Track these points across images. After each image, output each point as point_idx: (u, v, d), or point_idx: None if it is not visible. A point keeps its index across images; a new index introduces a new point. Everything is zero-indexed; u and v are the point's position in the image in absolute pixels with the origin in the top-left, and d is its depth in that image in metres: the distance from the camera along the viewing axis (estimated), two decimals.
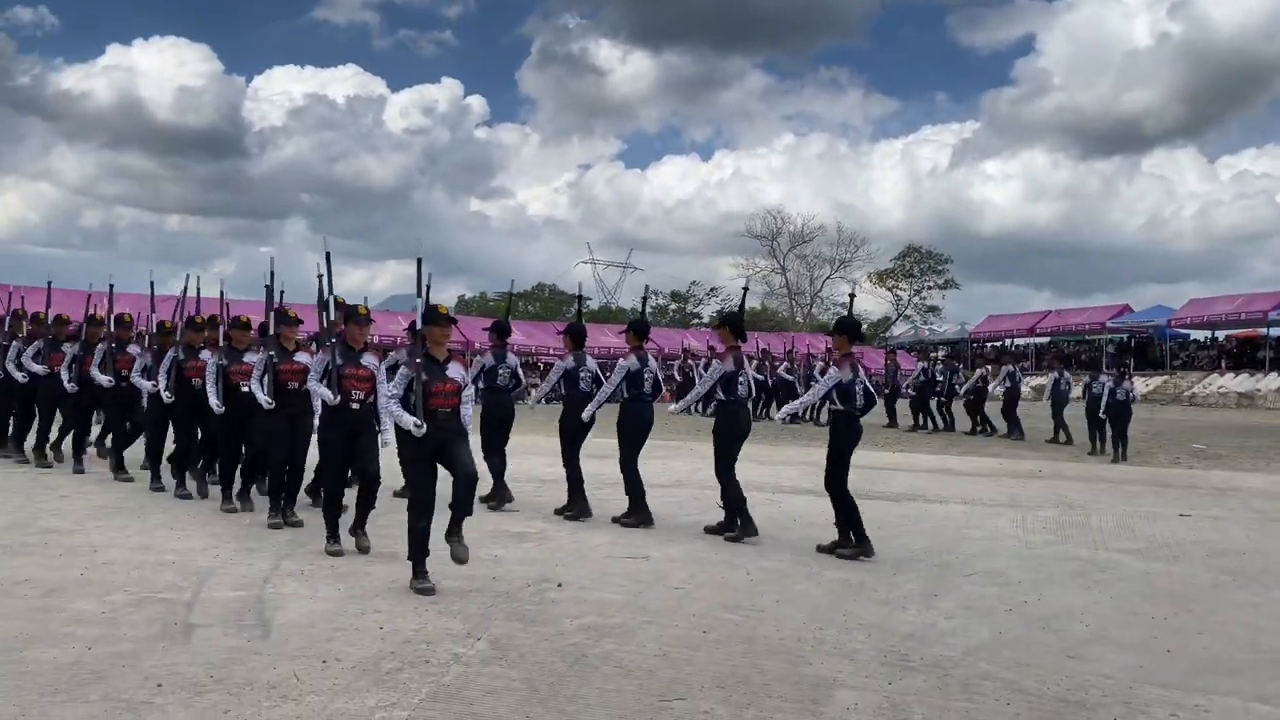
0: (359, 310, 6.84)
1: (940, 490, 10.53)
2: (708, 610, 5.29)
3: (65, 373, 10.23)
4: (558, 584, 5.79)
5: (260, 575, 5.83)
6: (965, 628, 5.13)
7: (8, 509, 7.93)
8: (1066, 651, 4.76)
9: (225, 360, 8.21)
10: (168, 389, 8.70)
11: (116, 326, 9.86)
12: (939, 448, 15.86)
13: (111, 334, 9.84)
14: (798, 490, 10.30)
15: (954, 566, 6.65)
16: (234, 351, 8.28)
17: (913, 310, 57.73)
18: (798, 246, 56.94)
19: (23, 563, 5.97)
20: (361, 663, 4.25)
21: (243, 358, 8.16)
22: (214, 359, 8.26)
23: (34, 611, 4.90)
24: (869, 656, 4.58)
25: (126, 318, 10.05)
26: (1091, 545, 7.56)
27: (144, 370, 9.17)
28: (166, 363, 8.83)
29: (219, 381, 8.12)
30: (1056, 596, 5.89)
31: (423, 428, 5.54)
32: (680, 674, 4.24)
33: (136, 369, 9.29)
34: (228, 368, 8.16)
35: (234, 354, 8.26)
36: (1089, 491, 10.68)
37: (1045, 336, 44.99)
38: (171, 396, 8.68)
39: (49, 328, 10.80)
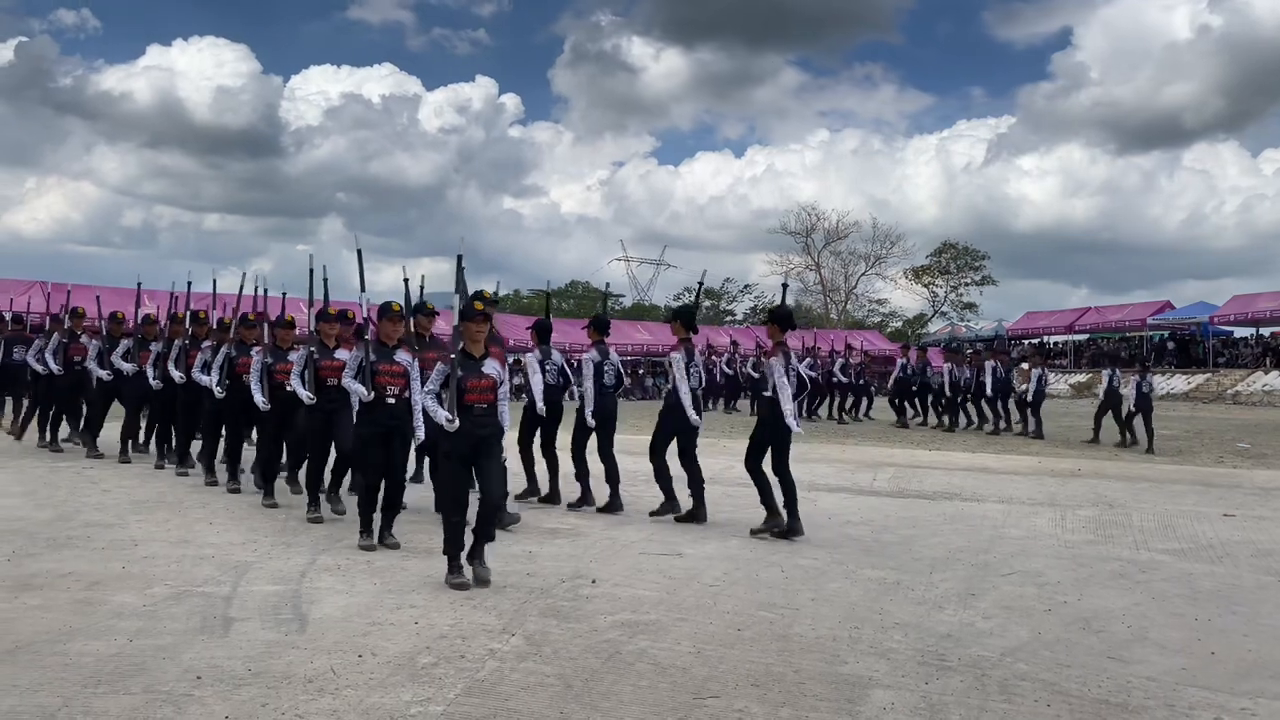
0: (392, 307, 6.88)
1: (977, 489, 10.42)
2: (742, 608, 5.27)
3: (150, 370, 10.46)
4: (591, 580, 5.79)
5: (297, 570, 5.89)
6: (1003, 628, 5.07)
7: (52, 502, 8.07)
8: (1108, 653, 4.69)
9: (270, 358, 8.31)
10: (220, 385, 8.88)
11: (193, 323, 10.05)
12: (975, 446, 15.70)
13: (187, 331, 10.03)
14: (832, 488, 10.23)
15: (992, 566, 6.57)
16: (279, 350, 8.38)
17: (949, 307, 57.25)
18: (832, 243, 56.64)
19: (66, 556, 6.06)
20: (397, 657, 4.27)
21: (287, 356, 8.26)
22: (259, 356, 8.37)
23: (77, 604, 4.98)
24: (905, 656, 4.53)
25: (201, 314, 10.21)
26: (1133, 545, 7.45)
27: (204, 366, 9.36)
28: (220, 359, 9.00)
29: (264, 379, 8.23)
30: (1097, 597, 5.81)
31: (455, 422, 5.56)
32: (714, 671, 4.22)
33: (198, 365, 9.48)
34: (273, 366, 8.26)
35: (279, 352, 8.36)
36: (1129, 490, 10.52)
37: (1084, 334, 44.39)
38: (223, 393, 8.84)
39: (139, 327, 11.08)
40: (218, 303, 10.98)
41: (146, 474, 10.05)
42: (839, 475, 11.37)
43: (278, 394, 8.16)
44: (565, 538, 7.09)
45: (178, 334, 10.24)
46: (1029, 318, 47.41)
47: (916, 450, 14.81)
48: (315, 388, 7.49)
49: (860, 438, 16.92)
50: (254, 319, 9.18)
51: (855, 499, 9.54)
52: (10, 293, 22.70)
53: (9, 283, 25.21)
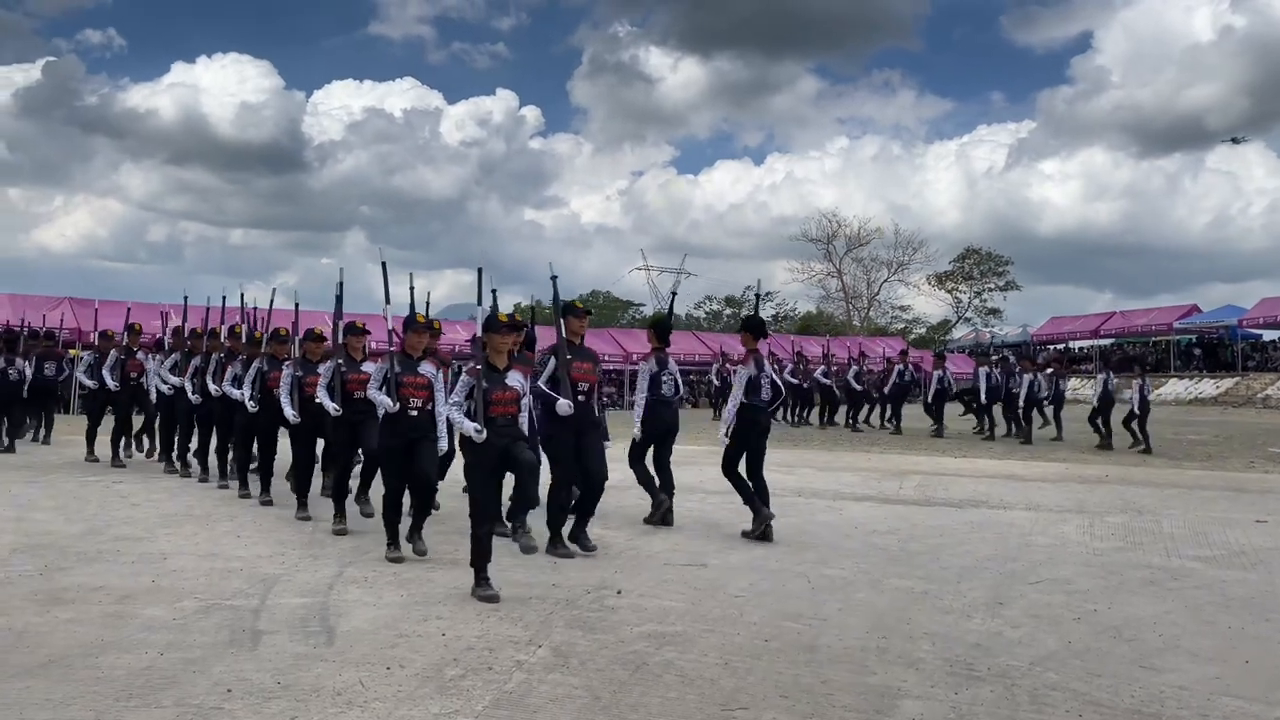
0: (417, 318, 6.93)
1: (1004, 496, 10.34)
2: (769, 619, 5.25)
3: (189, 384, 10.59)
4: (617, 591, 5.79)
5: (325, 582, 5.92)
6: (1033, 637, 5.02)
7: (83, 516, 8.15)
8: (1139, 662, 4.64)
9: (300, 371, 8.39)
10: (253, 399, 8.97)
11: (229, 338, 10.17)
12: (1001, 453, 15.59)
13: (224, 345, 10.15)
14: (858, 496, 10.19)
15: (1020, 574, 6.51)
16: (308, 363, 8.46)
17: (973, 313, 56.92)
18: (854, 250, 56.47)
19: (97, 570, 6.13)
20: (425, 669, 4.28)
21: (317, 369, 8.33)
22: (289, 370, 8.44)
23: (108, 618, 5.03)
24: (934, 666, 4.50)
25: (237, 329, 10.31)
26: (1163, 552, 7.37)
27: (234, 379, 9.47)
28: (252, 373, 9.11)
29: (294, 392, 8.30)
30: (1127, 605, 5.75)
31: (483, 433, 5.61)
32: (743, 683, 4.21)
33: (228, 378, 9.59)
34: (303, 379, 8.33)
35: (308, 365, 8.44)
36: (1158, 497, 10.42)
37: (1110, 338, 44.03)
38: (256, 406, 8.94)
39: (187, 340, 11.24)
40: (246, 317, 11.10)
41: (175, 487, 10.15)
42: (865, 483, 11.32)
43: (308, 407, 8.22)
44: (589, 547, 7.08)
45: (215, 349, 10.34)
46: (1054, 323, 47.09)
47: (943, 458, 14.72)
48: (342, 400, 7.56)
49: (885, 445, 16.84)
50: (285, 333, 9.27)
51: (881, 507, 9.49)
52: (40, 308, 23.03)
53: (38, 299, 25.53)
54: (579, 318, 7.11)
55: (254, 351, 9.46)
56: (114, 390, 12.06)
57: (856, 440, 17.99)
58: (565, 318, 7.01)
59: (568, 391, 6.70)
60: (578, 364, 6.88)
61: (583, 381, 6.89)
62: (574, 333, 7.04)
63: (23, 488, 9.84)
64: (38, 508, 8.58)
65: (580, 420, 6.81)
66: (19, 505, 8.67)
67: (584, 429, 6.89)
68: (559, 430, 6.80)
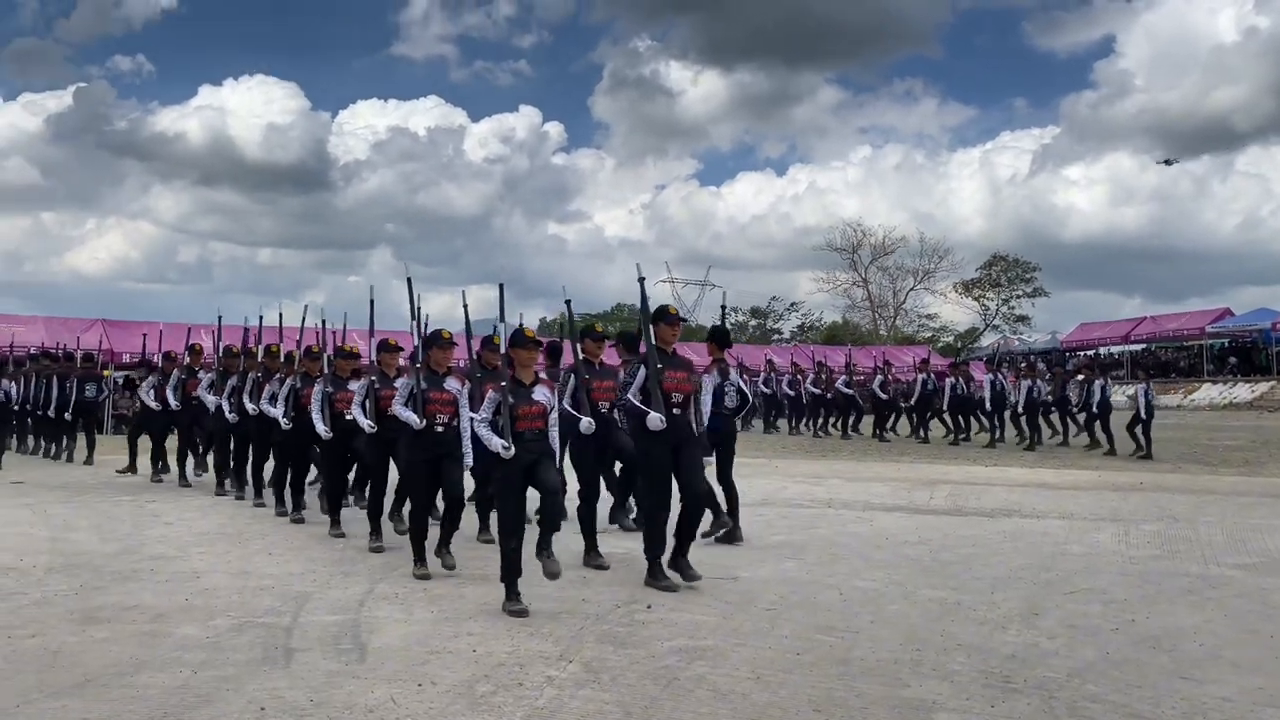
0: (441, 335, 6.96)
1: (1036, 505, 10.23)
2: (800, 632, 5.21)
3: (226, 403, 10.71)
4: (647, 605, 5.77)
5: (356, 599, 5.93)
6: (1069, 648, 4.95)
7: (117, 535, 8.23)
8: (1180, 673, 4.56)
9: (330, 387, 8.43)
10: (286, 416, 9.04)
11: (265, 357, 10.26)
12: (1032, 461, 15.43)
13: (260, 364, 10.25)
14: (888, 507, 10.11)
15: (1054, 584, 6.43)
16: (338, 379, 8.51)
17: (1001, 320, 56.48)
18: (879, 259, 56.20)
19: (132, 589, 6.18)
20: (456, 686, 4.28)
21: (347, 385, 8.38)
22: (319, 386, 8.49)
23: (143, 636, 5.06)
24: (969, 678, 4.45)
25: (274, 348, 10.39)
26: (1201, 560, 7.25)
27: (271, 398, 9.56)
28: (285, 390, 9.19)
29: (325, 408, 8.35)
30: (1166, 614, 5.65)
31: (510, 450, 5.61)
32: (775, 697, 4.18)
33: (265, 397, 9.68)
34: (333, 395, 8.38)
35: (338, 382, 8.48)
36: (1194, 504, 10.26)
37: (1141, 343, 43.56)
38: (290, 424, 9.01)
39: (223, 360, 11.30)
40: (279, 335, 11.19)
41: (207, 506, 10.23)
42: (894, 494, 11.23)
43: (337, 423, 8.27)
44: (618, 563, 7.06)
45: (251, 367, 10.44)
46: (1083, 329, 46.65)
47: (973, 466, 14.59)
48: (376, 417, 7.60)
49: (914, 455, 16.72)
50: (318, 351, 9.34)
51: (912, 518, 9.41)
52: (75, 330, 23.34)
53: (73, 321, 25.88)
54: (671, 325, 6.60)
55: (288, 369, 9.55)
56: (176, 410, 12.25)
57: (885, 450, 17.87)
58: (656, 325, 6.55)
59: (659, 405, 6.26)
60: (670, 373, 6.41)
61: (677, 393, 6.38)
62: (665, 341, 6.56)
63: (58, 508, 9.95)
64: (73, 527, 8.68)
65: (677, 434, 6.35)
66: (55, 525, 8.77)
67: (681, 444, 6.40)
68: (653, 446, 6.32)
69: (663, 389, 6.30)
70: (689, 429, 6.45)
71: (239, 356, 10.94)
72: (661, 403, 6.26)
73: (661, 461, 6.31)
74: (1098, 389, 16.66)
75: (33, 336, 22.43)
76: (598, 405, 7.11)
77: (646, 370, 6.37)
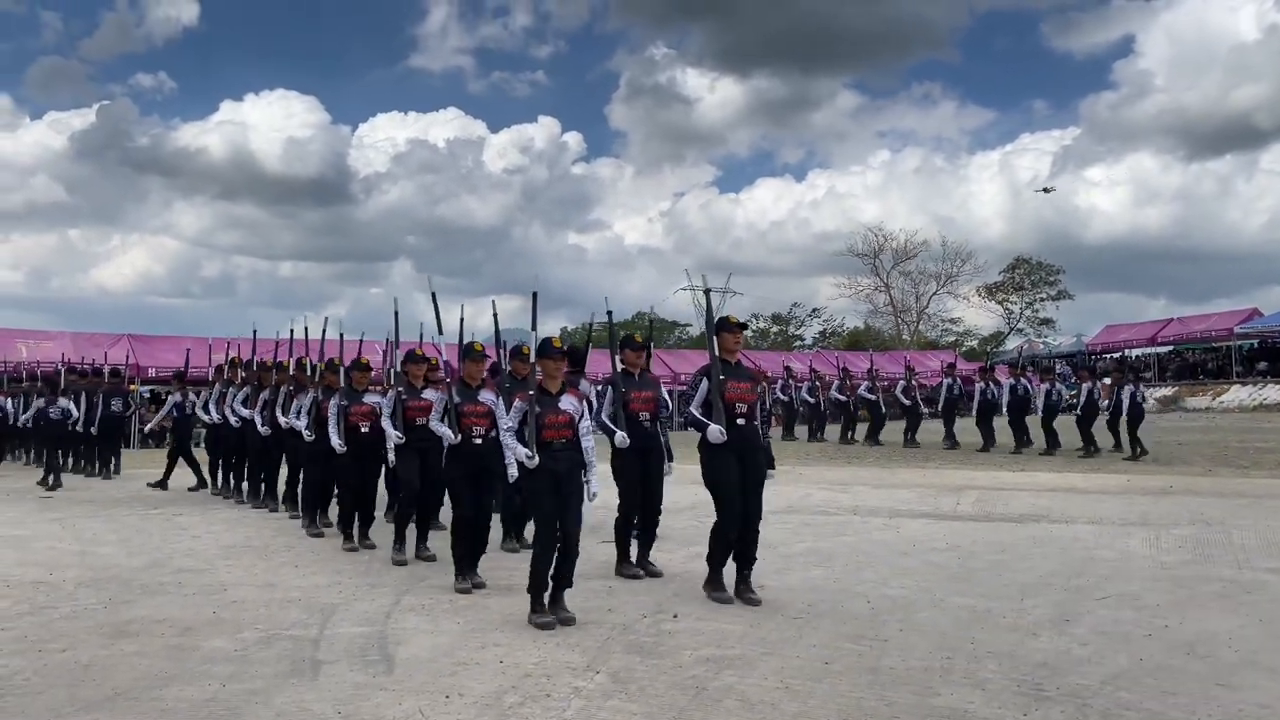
0: (474, 347, 6.94)
1: (1065, 510, 10.12)
2: (828, 640, 5.17)
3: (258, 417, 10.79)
4: (673, 614, 5.74)
5: (382, 610, 5.94)
6: (1102, 654, 4.89)
7: (145, 550, 8.29)
8: (1215, 679, 4.49)
9: (346, 401, 8.44)
10: (308, 429, 9.08)
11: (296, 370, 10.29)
12: (1059, 466, 15.28)
13: (291, 377, 10.29)
14: (915, 514, 10.04)
15: (1085, 590, 6.36)
16: (354, 392, 8.50)
17: (1025, 324, 56.05)
18: (901, 263, 55.93)
19: (160, 602, 6.21)
20: (484, 697, 4.27)
21: (363, 398, 8.39)
22: (335, 399, 8.50)
23: (171, 650, 5.08)
24: (1001, 686, 4.39)
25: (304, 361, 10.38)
26: (1234, 564, 7.15)
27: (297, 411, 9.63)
28: (307, 403, 9.22)
29: (341, 422, 8.35)
30: (1199, 620, 5.57)
31: (534, 459, 5.60)
32: (804, 706, 4.14)
33: (293, 411, 9.78)
34: (348, 408, 8.38)
35: (354, 394, 8.48)
36: (1226, 507, 10.13)
37: (1168, 345, 43.10)
38: (312, 435, 9.03)
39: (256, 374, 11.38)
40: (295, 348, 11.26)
41: (233, 519, 10.29)
42: (921, 500, 11.15)
43: (353, 436, 8.28)
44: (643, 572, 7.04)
45: (282, 381, 10.48)
46: (1109, 331, 46.20)
47: (1000, 472, 14.47)
48: (405, 428, 7.59)
49: (940, 460, 16.60)
50: (337, 364, 9.36)
51: (939, 524, 9.33)
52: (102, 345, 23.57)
53: (99, 336, 26.14)
54: (733, 333, 6.43)
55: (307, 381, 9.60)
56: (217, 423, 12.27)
57: (911, 456, 17.75)
58: (719, 334, 6.41)
59: (720, 416, 6.09)
60: (733, 384, 6.22)
61: (740, 403, 6.20)
62: (728, 351, 6.41)
63: (87, 522, 10.04)
64: (101, 541, 8.75)
65: (742, 446, 6.21)
66: (83, 539, 8.85)
67: (746, 454, 6.24)
68: (717, 458, 6.15)
69: (725, 400, 6.16)
70: (755, 439, 6.32)
71: (271, 370, 11.00)
72: (723, 414, 6.13)
73: (729, 475, 6.14)
74: (1127, 394, 16.45)
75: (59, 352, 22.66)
76: (637, 416, 6.93)
77: (709, 381, 6.25)
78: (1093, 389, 17.20)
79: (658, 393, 7.08)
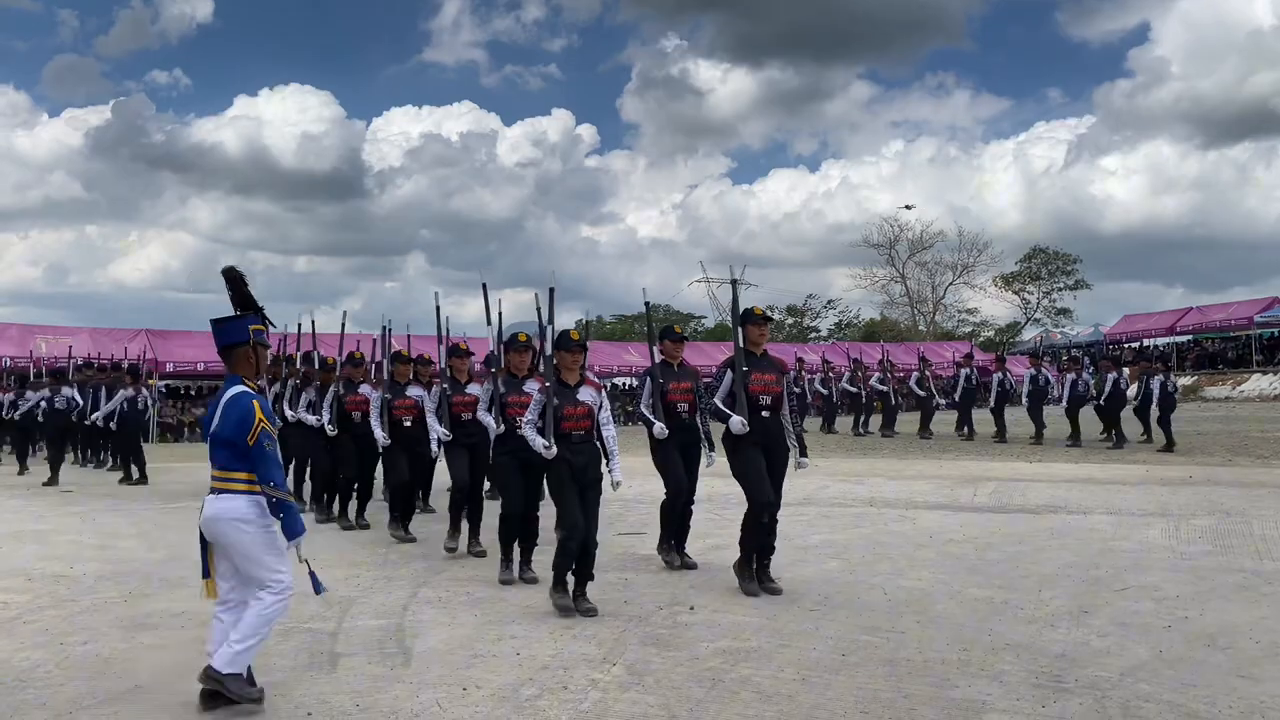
0: (519, 338, 6.92)
1: (1083, 501, 10.07)
2: (845, 632, 5.16)
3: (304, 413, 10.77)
4: (690, 607, 5.74)
5: (399, 603, 5.96)
6: (1121, 646, 4.86)
7: (165, 543, 8.34)
8: (1236, 671, 4.45)
9: (389, 394, 8.46)
10: (331, 423, 9.11)
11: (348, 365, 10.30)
12: (1077, 457, 15.20)
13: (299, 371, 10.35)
14: (931, 505, 10.00)
15: (1104, 581, 6.32)
16: (397, 386, 8.53)
17: (1042, 313, 55.75)
18: (917, 254, 55.68)
19: (179, 595, 6.25)
20: (501, 689, 4.28)
21: (405, 392, 8.41)
22: (377, 393, 8.53)
23: (191, 643, 5.11)
24: (1019, 678, 4.37)
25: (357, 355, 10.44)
26: (1255, 555, 7.09)
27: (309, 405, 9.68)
28: (329, 398, 9.24)
29: (384, 414, 8.38)
30: (1220, 611, 5.53)
31: (552, 449, 5.64)
32: (821, 698, 4.13)
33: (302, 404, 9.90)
34: (392, 402, 8.41)
35: (397, 388, 8.50)
36: (1247, 497, 10.05)
37: (1187, 335, 42.77)
38: (335, 430, 9.07)
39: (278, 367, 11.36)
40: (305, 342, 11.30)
41: None
42: (938, 491, 11.11)
43: (397, 430, 8.35)
44: (659, 564, 7.04)
45: (292, 374, 10.54)
46: (1127, 321, 45.92)
47: (1017, 463, 14.41)
48: (451, 424, 7.61)
49: (957, 452, 16.54)
50: (360, 356, 9.38)
51: (956, 515, 9.30)
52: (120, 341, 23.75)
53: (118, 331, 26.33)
54: (758, 325, 6.46)
55: (327, 377, 9.61)
56: None
57: (927, 448, 17.69)
58: (744, 326, 6.43)
59: (743, 408, 6.14)
60: (757, 375, 6.25)
61: (765, 394, 6.23)
62: (753, 342, 6.41)
63: (107, 516, 10.11)
64: (121, 535, 8.81)
65: (765, 436, 6.23)
66: (103, 534, 8.91)
67: (771, 445, 6.27)
68: (741, 449, 6.19)
69: (749, 392, 6.20)
70: (779, 431, 6.32)
71: (283, 364, 11.06)
72: (746, 406, 6.16)
73: (753, 459, 6.15)
74: (1157, 384, 16.31)
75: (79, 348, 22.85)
76: (675, 407, 6.92)
77: (734, 373, 6.28)
78: (1118, 379, 17.07)
79: (696, 383, 7.04)
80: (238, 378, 4.26)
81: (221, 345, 4.35)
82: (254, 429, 4.08)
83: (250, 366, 4.31)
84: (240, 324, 4.34)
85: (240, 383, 4.24)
